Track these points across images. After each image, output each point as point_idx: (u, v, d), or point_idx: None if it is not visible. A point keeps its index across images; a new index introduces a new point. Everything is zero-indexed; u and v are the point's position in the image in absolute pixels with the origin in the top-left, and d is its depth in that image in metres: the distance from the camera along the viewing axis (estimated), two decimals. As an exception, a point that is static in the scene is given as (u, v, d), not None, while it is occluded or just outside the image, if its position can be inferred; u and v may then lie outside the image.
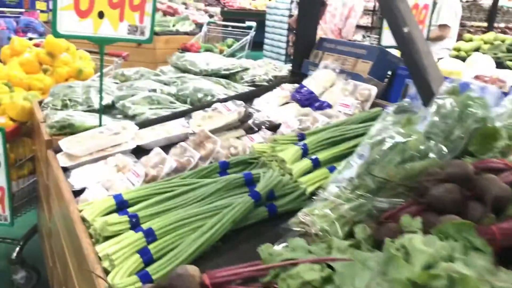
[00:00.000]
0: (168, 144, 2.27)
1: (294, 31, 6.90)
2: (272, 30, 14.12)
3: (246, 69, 3.66)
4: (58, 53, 3.75)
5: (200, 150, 1.94)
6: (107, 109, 2.88)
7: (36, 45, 4.03)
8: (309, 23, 2.68)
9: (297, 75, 2.71)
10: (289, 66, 4.02)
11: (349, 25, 6.65)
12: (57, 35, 2.18)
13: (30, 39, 6.22)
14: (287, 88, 2.55)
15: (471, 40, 8.26)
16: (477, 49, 6.69)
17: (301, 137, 1.90)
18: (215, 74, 3.55)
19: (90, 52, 4.23)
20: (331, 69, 2.38)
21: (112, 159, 2.04)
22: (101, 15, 2.24)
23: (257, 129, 2.21)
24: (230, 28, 8.67)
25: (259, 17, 15.16)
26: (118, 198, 1.62)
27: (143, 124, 2.39)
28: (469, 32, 8.58)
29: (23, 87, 3.47)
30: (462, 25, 8.08)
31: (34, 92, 3.23)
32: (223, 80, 3.34)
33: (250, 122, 2.22)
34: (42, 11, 8.72)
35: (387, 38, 2.89)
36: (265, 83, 3.62)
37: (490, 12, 8.06)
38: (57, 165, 2.07)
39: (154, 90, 2.98)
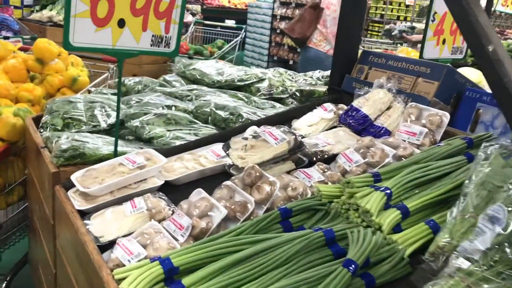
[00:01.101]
0: (200, 178, 1.92)
1: (287, 34, 6.55)
2: (254, 30, 13.78)
3: (262, 79, 3.33)
4: (49, 59, 3.32)
5: (253, 192, 1.59)
6: (114, 130, 2.49)
7: (23, 49, 3.59)
8: (351, 32, 2.36)
9: (337, 92, 2.39)
10: (293, 74, 3.72)
11: None
12: (69, 47, 1.79)
13: (6, 38, 5.73)
14: (331, 108, 2.23)
15: (508, 46, 8.13)
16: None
17: (377, 177, 1.57)
18: (228, 86, 3.20)
19: (82, 57, 3.81)
20: (387, 88, 2.07)
21: (139, 201, 1.67)
22: (121, 23, 1.86)
23: (306, 161, 1.88)
24: (218, 29, 8.32)
25: (239, 15, 14.82)
26: (166, 264, 1.26)
27: (168, 152, 2.02)
28: (505, 39, 8.43)
29: (10, 99, 3.03)
30: (501, 33, 7.89)
31: (24, 107, 2.80)
32: (240, 94, 3.00)
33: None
34: (16, 7, 8.16)
35: (430, 51, 2.60)
36: (282, 96, 3.30)
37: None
38: (71, 209, 1.69)
39: (169, 107, 2.61)
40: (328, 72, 3.61)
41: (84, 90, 3.32)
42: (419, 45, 6.71)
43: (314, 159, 1.89)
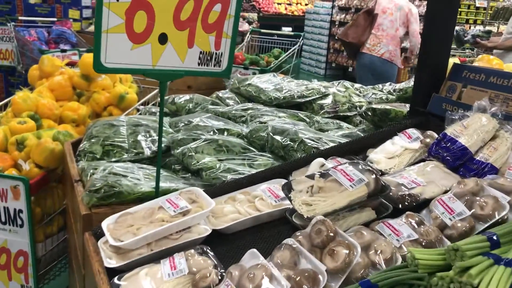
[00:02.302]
0: (255, 225, 1.57)
1: (340, 39, 6.20)
2: (311, 37, 13.39)
3: (325, 95, 2.95)
4: (96, 75, 3.10)
5: (325, 258, 1.22)
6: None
7: (70, 64, 3.40)
8: (440, 39, 1.94)
9: (422, 114, 1.97)
10: (360, 87, 3.28)
11: (415, 33, 5.81)
12: (101, 69, 1.50)
13: (63, 51, 5.66)
14: (416, 136, 1.81)
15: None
16: None
17: (494, 240, 1.16)
18: (287, 103, 2.84)
19: (131, 71, 3.57)
20: (491, 113, 1.63)
21: (180, 260, 1.33)
22: (163, 39, 1.55)
23: (391, 209, 1.48)
24: (275, 37, 8.00)
25: (296, 22, 14.47)
26: None
27: (217, 191, 1.69)
28: None
29: (53, 119, 2.82)
30: None
31: (66, 130, 2.57)
32: (302, 113, 2.63)
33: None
34: (75, 20, 8.19)
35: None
36: (349, 113, 2.90)
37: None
38: (99, 268, 1.38)
39: (221, 131, 2.28)
40: (401, 85, 3.18)
41: (132, 108, 3.07)
42: (494, 51, 6.12)
43: (400, 205, 1.49)
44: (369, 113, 2.48)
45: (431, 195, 1.50)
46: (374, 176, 1.48)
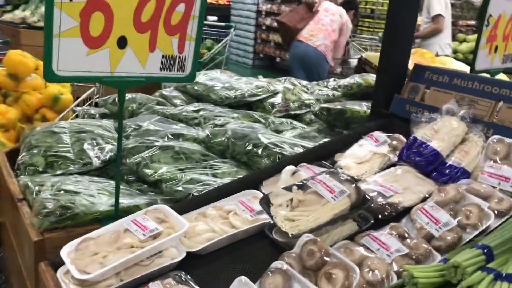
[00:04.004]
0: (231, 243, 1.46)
1: (276, 20, 6.26)
2: (238, 27, 13.27)
3: (275, 93, 2.88)
4: (25, 75, 2.81)
5: (321, 281, 1.14)
6: (109, 168, 2.02)
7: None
8: (401, 38, 1.92)
9: (385, 116, 1.95)
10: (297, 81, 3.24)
11: (341, 44, 6.01)
12: (53, 78, 1.31)
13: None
14: (384, 140, 1.79)
15: (465, 40, 7.80)
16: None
17: (488, 253, 1.14)
18: (237, 102, 2.74)
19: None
20: (460, 116, 1.64)
21: (159, 291, 1.21)
22: (122, 42, 1.39)
23: (372, 220, 1.44)
24: (206, 27, 7.81)
25: (221, 11, 14.28)
26: None
27: (185, 207, 1.56)
28: (460, 31, 8.11)
29: (-22, 125, 2.53)
30: (454, 24, 7.59)
31: (-3, 137, 2.31)
32: (256, 114, 2.54)
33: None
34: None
35: (482, 61, 2.18)
36: (300, 111, 2.86)
37: (481, 10, 7.57)
38: (63, 304, 1.22)
39: (175, 136, 2.14)
40: (345, 81, 3.17)
41: (68, 110, 2.83)
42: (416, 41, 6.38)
43: (380, 216, 1.45)
44: (324, 113, 2.44)
45: (410, 203, 1.47)
46: (354, 186, 1.42)
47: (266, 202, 1.44)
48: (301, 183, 1.47)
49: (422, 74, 1.92)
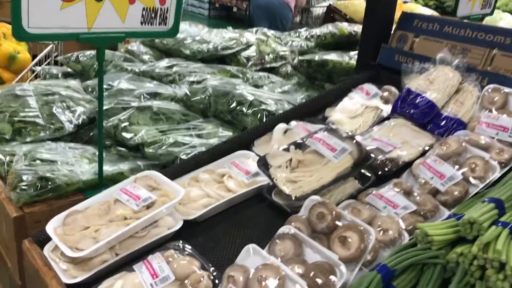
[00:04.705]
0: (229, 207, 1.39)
1: None
2: (192, -25, 12.76)
3: (248, 45, 2.76)
4: (-26, 33, 2.56)
5: (334, 244, 1.09)
6: (83, 132, 1.89)
7: None
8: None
9: (372, 68, 1.88)
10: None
11: None
12: (23, 36, 1.16)
13: None
14: (375, 92, 1.73)
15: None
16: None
17: (500, 207, 1.12)
18: (210, 57, 2.61)
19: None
20: (454, 66, 1.59)
21: (161, 265, 1.13)
22: (99, -6, 1.24)
23: (373, 177, 1.39)
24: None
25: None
26: None
27: (176, 172, 1.47)
28: None
29: None
30: None
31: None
32: (233, 69, 2.42)
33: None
34: None
35: (464, 7, 2.13)
36: (275, 64, 2.75)
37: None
38: (57, 284, 1.13)
39: (152, 95, 2.01)
40: (317, 31, 3.07)
41: (26, 70, 2.61)
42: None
43: (380, 172, 1.41)
44: (304, 65, 2.36)
45: (410, 158, 1.43)
46: (355, 142, 1.37)
47: (264, 164, 1.37)
48: (299, 142, 1.40)
49: (411, 22, 1.85)
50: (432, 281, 1.06)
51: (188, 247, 1.20)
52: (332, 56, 2.26)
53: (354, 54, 2.24)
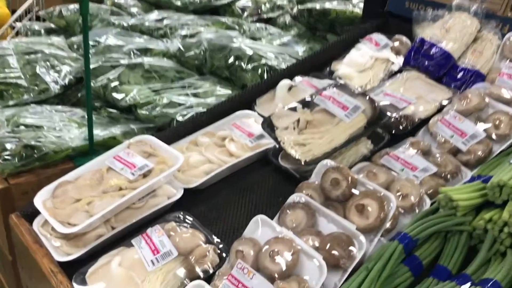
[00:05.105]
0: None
1: None
2: None
3: (242, -5, 2.58)
4: None
5: (350, 213, 1.00)
6: (70, 94, 1.76)
7: None
8: None
9: (380, 16, 1.74)
10: None
11: None
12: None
13: None
14: (385, 43, 1.60)
15: None
16: None
17: (529, 168, 1.03)
18: (204, 7, 2.45)
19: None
20: (472, 12, 1.46)
21: (162, 239, 1.04)
22: None
23: (387, 137, 1.29)
24: None
25: None
26: None
27: (172, 135, 1.35)
28: None
29: None
30: None
31: None
32: (228, 20, 2.26)
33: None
34: None
35: None
36: (272, 15, 2.59)
37: None
38: (49, 262, 1.04)
39: (142, 51, 1.86)
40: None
41: (5, 26, 2.44)
42: None
43: (394, 131, 1.30)
44: (304, 15, 2.20)
45: (426, 114, 1.33)
46: (368, 99, 1.25)
47: (269, 126, 1.26)
48: (306, 101, 1.28)
49: (422, -36, 1.69)
50: (458, 249, 0.98)
51: (189, 218, 1.11)
52: (335, 5, 2.10)
53: (358, 1, 2.09)
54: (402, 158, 1.17)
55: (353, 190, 1.02)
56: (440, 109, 1.34)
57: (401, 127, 1.30)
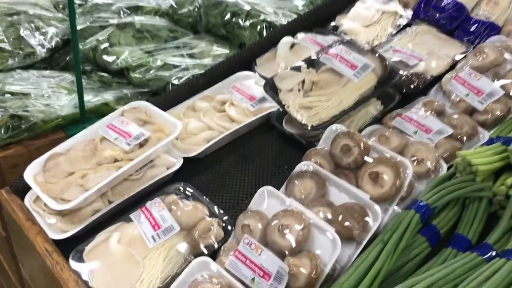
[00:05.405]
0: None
1: None
2: None
3: None
4: None
5: (363, 181, 0.94)
6: (58, 57, 1.66)
7: None
8: None
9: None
10: None
11: None
12: None
13: None
14: (390, -3, 1.50)
15: None
16: None
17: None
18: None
19: None
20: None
21: (163, 213, 0.98)
22: None
23: (398, 97, 1.21)
24: None
25: None
26: None
27: (168, 100, 1.27)
28: None
29: None
30: None
31: None
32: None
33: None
34: None
35: None
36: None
37: None
38: (43, 241, 0.98)
39: (132, 10, 1.75)
40: None
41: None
42: None
43: (405, 90, 1.22)
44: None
45: (439, 71, 1.25)
46: (378, 57, 1.17)
47: (272, 88, 1.17)
48: (311, 60, 1.20)
49: None
50: (477, 217, 0.93)
51: (190, 190, 1.05)
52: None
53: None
54: (415, 120, 1.09)
55: (366, 158, 0.95)
56: (453, 65, 1.26)
57: (412, 86, 1.22)
